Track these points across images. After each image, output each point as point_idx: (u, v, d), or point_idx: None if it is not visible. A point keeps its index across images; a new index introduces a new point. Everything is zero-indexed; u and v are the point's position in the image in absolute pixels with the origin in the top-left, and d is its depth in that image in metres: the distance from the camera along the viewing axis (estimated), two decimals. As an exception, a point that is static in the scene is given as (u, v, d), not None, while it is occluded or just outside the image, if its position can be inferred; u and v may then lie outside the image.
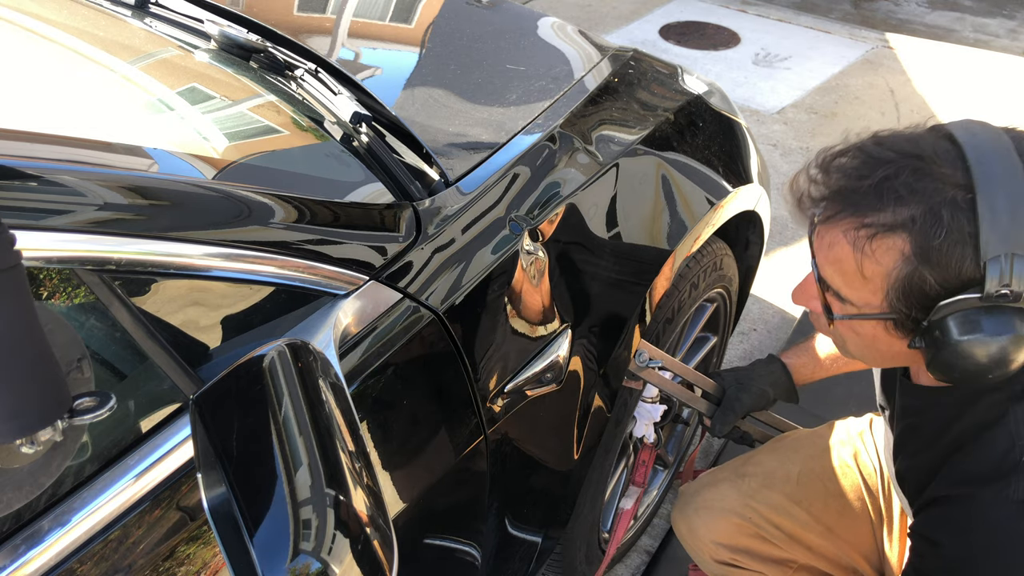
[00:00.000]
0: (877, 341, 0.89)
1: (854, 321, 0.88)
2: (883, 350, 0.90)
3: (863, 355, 0.94)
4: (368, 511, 0.69)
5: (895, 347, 0.88)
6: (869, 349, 0.92)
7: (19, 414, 0.59)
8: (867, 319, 0.86)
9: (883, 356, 0.92)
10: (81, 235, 0.70)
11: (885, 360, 0.95)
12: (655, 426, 1.57)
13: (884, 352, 0.91)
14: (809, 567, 1.35)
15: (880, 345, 0.90)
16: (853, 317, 0.87)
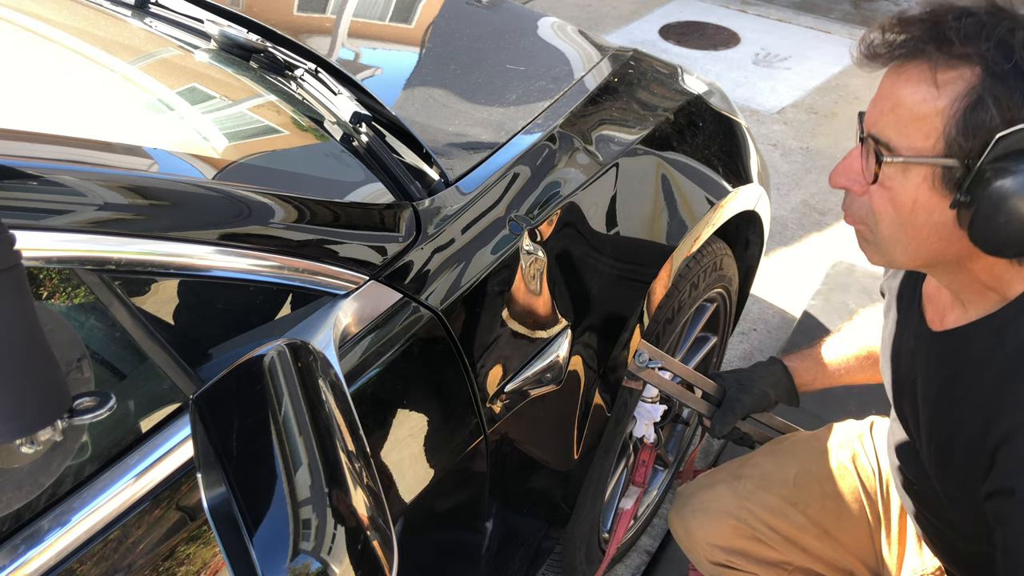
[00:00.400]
0: (916, 209, 0.85)
1: (894, 189, 0.85)
2: (920, 223, 0.85)
3: (894, 238, 0.88)
4: (368, 511, 0.69)
5: (934, 216, 0.84)
6: (904, 226, 0.87)
7: (19, 414, 0.59)
8: (917, 162, 0.83)
9: (918, 235, 0.87)
10: (81, 235, 0.70)
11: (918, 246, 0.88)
12: (655, 426, 1.57)
13: (921, 226, 0.86)
14: (805, 569, 1.34)
15: (918, 215, 0.85)
16: (907, 160, 0.83)
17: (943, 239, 0.85)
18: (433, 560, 1.14)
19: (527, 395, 1.15)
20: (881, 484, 1.31)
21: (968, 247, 0.84)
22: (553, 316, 1.19)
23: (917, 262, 0.90)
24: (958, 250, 0.85)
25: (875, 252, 0.93)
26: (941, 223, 0.84)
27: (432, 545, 1.13)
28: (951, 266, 0.90)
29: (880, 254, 0.92)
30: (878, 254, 0.92)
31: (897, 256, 0.91)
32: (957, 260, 0.88)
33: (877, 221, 0.89)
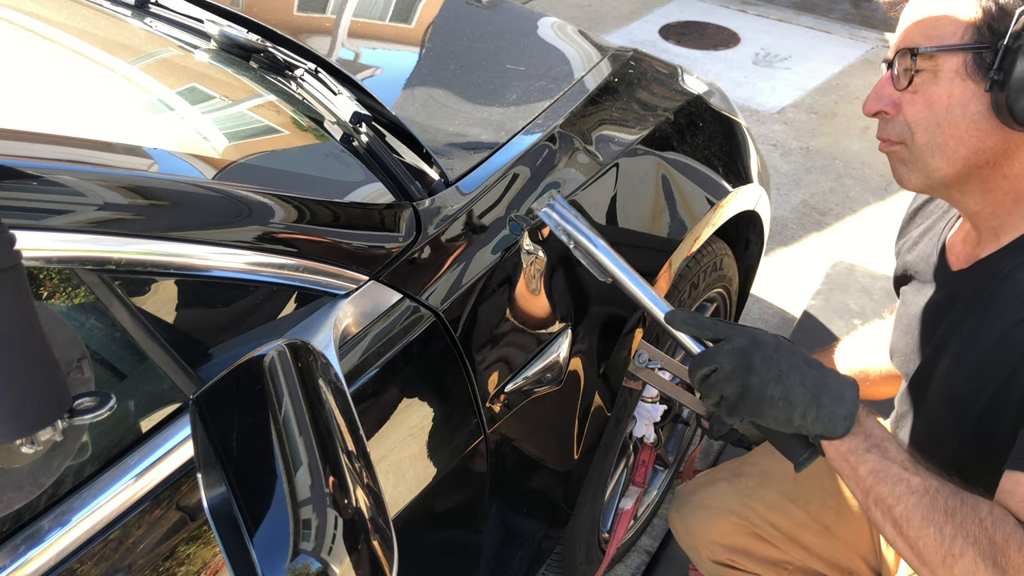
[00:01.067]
0: (952, 104, 0.89)
1: (928, 91, 0.90)
2: (957, 117, 0.89)
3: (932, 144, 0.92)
4: (368, 511, 0.69)
5: (970, 107, 0.88)
6: (941, 126, 0.90)
7: (19, 414, 0.59)
8: (950, 51, 0.87)
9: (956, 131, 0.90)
10: (81, 235, 0.70)
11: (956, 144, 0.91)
12: (655, 426, 1.57)
13: (958, 121, 0.89)
14: (805, 568, 1.34)
15: (955, 110, 0.89)
16: (940, 49, 0.88)
17: (980, 131, 0.89)
18: (433, 560, 1.14)
19: (527, 395, 1.15)
20: (880, 482, 1.32)
21: (1005, 140, 0.88)
22: (553, 316, 1.19)
23: (956, 165, 0.92)
24: (995, 144, 0.89)
25: (913, 169, 0.96)
26: (978, 113, 0.88)
27: (432, 545, 1.13)
28: (987, 173, 0.92)
29: (918, 170, 0.95)
30: (916, 170, 0.95)
31: (935, 164, 0.93)
32: (994, 163, 0.91)
33: (913, 132, 0.93)
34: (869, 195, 3.17)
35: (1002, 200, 0.94)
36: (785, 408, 0.88)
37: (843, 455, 0.89)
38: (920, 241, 1.14)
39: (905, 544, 0.86)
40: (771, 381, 0.87)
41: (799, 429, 0.89)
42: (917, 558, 0.86)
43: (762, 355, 0.89)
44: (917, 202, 1.21)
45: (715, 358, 0.91)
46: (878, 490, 0.87)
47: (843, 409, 0.88)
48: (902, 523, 0.86)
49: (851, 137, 3.55)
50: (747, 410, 0.89)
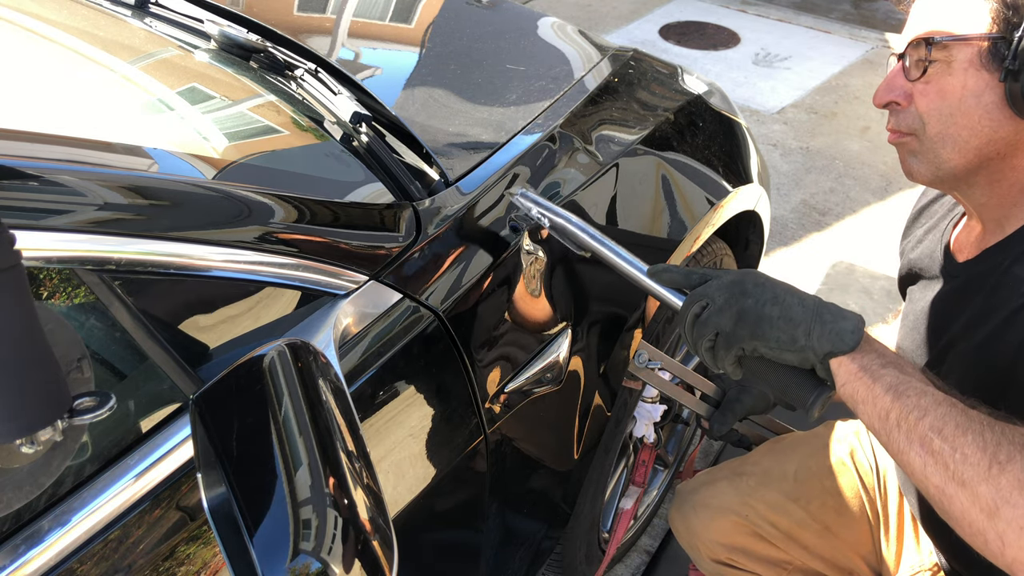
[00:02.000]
0: (966, 94, 0.89)
1: (941, 81, 0.89)
2: (970, 108, 0.89)
3: (944, 135, 0.91)
4: (368, 511, 0.69)
5: (984, 97, 0.88)
6: (954, 116, 0.90)
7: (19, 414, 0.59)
8: (966, 39, 0.87)
9: (969, 122, 0.90)
10: (81, 235, 0.70)
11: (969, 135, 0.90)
12: (655, 426, 1.57)
13: (971, 111, 0.89)
14: (805, 568, 1.34)
15: (968, 100, 0.89)
16: (957, 38, 0.88)
17: (993, 121, 0.89)
18: (433, 560, 1.14)
19: (527, 395, 1.15)
20: (879, 481, 1.32)
21: (1017, 131, 0.88)
22: (553, 316, 1.19)
23: (967, 156, 0.92)
24: (1007, 135, 0.89)
25: (923, 161, 0.95)
26: (991, 103, 0.88)
27: (432, 545, 1.13)
28: (996, 165, 0.92)
29: (928, 161, 0.95)
30: (926, 162, 0.95)
31: (946, 155, 0.93)
32: (1004, 154, 0.91)
33: (925, 123, 0.93)
34: (869, 195, 3.17)
35: (1008, 191, 0.94)
36: (786, 326, 0.81)
37: (856, 374, 0.79)
38: (924, 239, 1.14)
39: (937, 464, 0.73)
40: (767, 302, 0.83)
41: (804, 350, 0.81)
42: (953, 479, 0.72)
43: (754, 281, 0.85)
44: (922, 202, 1.21)
45: (705, 292, 0.86)
46: (901, 405, 0.76)
47: (849, 324, 0.81)
48: (932, 436, 0.73)
49: (851, 137, 3.55)
50: (746, 334, 0.82)
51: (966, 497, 0.71)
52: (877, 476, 1.32)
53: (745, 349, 0.84)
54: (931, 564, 1.22)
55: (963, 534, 0.72)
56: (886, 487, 1.31)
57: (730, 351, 0.85)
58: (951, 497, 0.72)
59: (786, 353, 0.82)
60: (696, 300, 0.87)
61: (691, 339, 0.88)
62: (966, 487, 0.71)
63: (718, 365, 0.88)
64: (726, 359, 0.86)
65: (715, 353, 0.86)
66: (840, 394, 0.82)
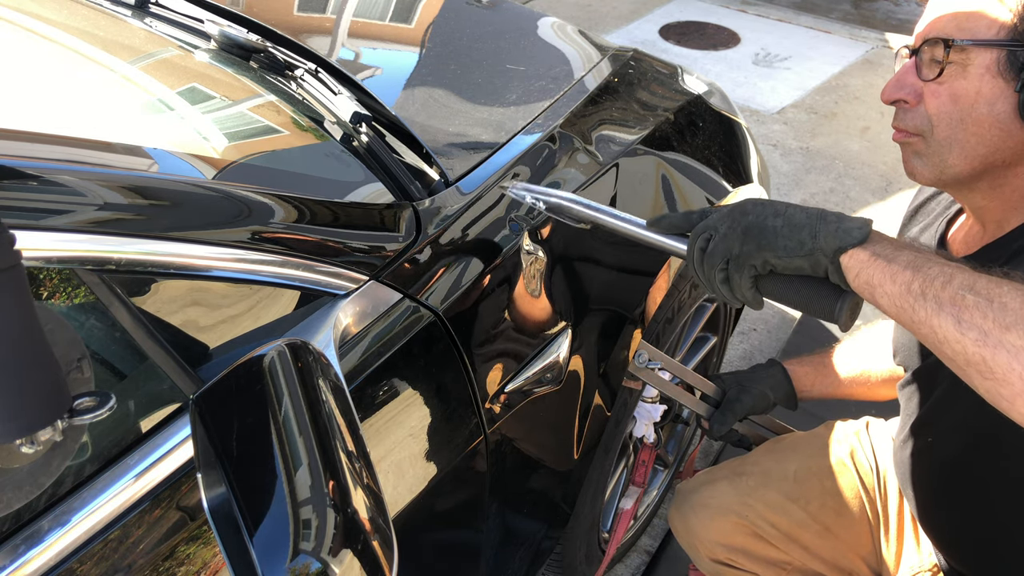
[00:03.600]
0: (978, 101, 0.87)
1: (955, 85, 0.88)
2: (981, 115, 0.87)
3: (952, 139, 0.90)
4: (368, 511, 0.69)
5: (997, 106, 0.86)
6: (964, 122, 0.89)
7: (19, 414, 0.59)
8: (986, 45, 0.86)
9: (979, 129, 0.88)
10: (81, 235, 0.70)
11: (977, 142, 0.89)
12: (655, 426, 1.57)
13: (982, 119, 0.88)
14: (805, 569, 1.34)
15: (980, 107, 0.87)
16: (976, 43, 0.86)
17: (1003, 131, 0.88)
18: (433, 560, 1.14)
19: (527, 395, 1.15)
20: (879, 481, 1.32)
21: None
22: (553, 316, 1.19)
23: (973, 163, 0.91)
24: (1015, 145, 0.88)
25: (927, 163, 0.94)
26: (1003, 112, 0.87)
27: (432, 545, 1.13)
28: (1000, 171, 0.92)
29: (933, 164, 0.94)
30: (930, 164, 0.94)
31: (952, 160, 0.92)
32: (1009, 162, 0.90)
33: (933, 125, 0.91)
34: (869, 195, 3.17)
35: (1010, 196, 0.94)
36: (792, 232, 0.79)
37: (870, 260, 0.76)
38: (920, 237, 1.14)
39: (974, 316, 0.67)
40: (769, 215, 0.82)
41: (814, 252, 0.78)
42: (996, 326, 0.65)
43: (753, 202, 0.84)
44: (918, 200, 1.21)
45: (707, 225, 0.86)
46: (923, 275, 0.71)
47: (855, 222, 0.78)
48: (964, 293, 0.68)
49: (851, 137, 3.55)
50: (753, 248, 0.81)
51: (1012, 342, 0.64)
52: (877, 476, 1.32)
53: (757, 266, 0.82)
54: (931, 564, 1.22)
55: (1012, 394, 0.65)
56: (886, 487, 1.31)
57: (743, 272, 0.82)
58: (994, 348, 0.65)
59: (796, 259, 0.79)
60: (700, 234, 0.86)
61: (704, 275, 0.86)
62: (1011, 331, 0.64)
63: (736, 293, 0.85)
64: (742, 283, 0.83)
65: (730, 281, 0.84)
66: (856, 287, 0.78)
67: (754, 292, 0.84)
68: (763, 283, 0.84)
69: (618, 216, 0.98)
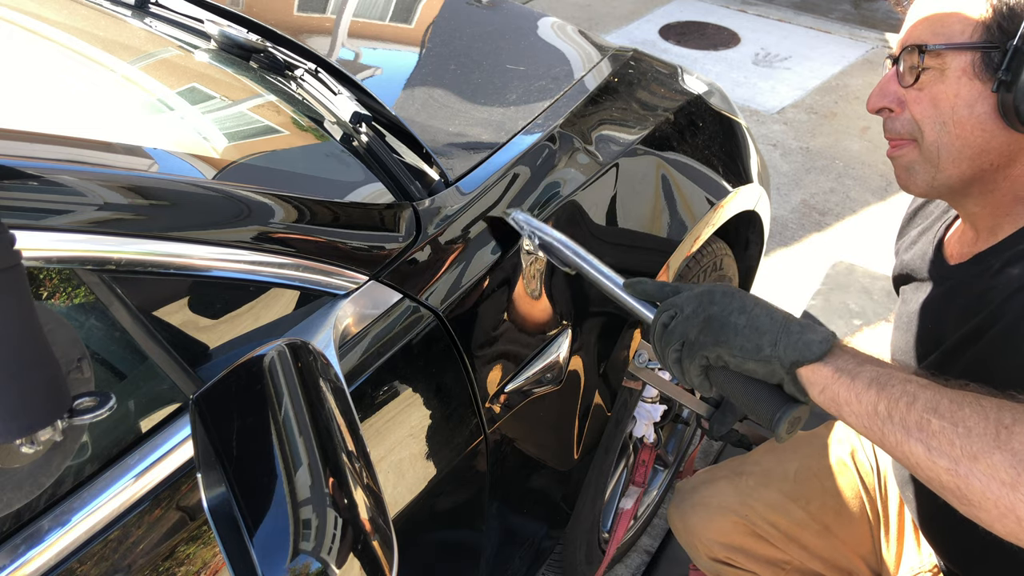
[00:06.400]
0: (958, 104, 0.88)
1: (934, 89, 0.89)
2: (963, 117, 0.88)
3: (939, 143, 0.91)
4: (368, 511, 0.69)
5: (976, 107, 0.87)
6: (947, 125, 0.90)
7: (19, 414, 0.59)
8: (958, 48, 0.87)
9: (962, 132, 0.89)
10: (81, 235, 0.70)
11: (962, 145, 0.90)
12: (655, 426, 1.57)
13: (964, 121, 0.88)
14: (804, 569, 1.34)
15: (960, 110, 0.88)
16: (949, 46, 0.87)
17: (986, 132, 0.88)
18: (433, 560, 1.14)
19: (527, 395, 1.15)
20: (879, 481, 1.32)
21: (1010, 142, 0.88)
22: (553, 316, 1.19)
23: (962, 167, 0.91)
24: (1000, 146, 0.89)
25: (919, 172, 0.95)
26: (984, 114, 0.87)
27: (432, 545, 1.13)
28: (990, 175, 0.92)
29: (924, 172, 0.94)
30: (922, 173, 0.94)
31: (943, 165, 0.92)
32: (998, 165, 0.91)
33: (921, 130, 0.92)
34: (869, 195, 3.17)
35: (1001, 201, 0.94)
36: (752, 335, 0.79)
37: (833, 377, 0.76)
38: (918, 241, 1.14)
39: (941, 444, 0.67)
40: (734, 311, 0.81)
41: (770, 360, 0.78)
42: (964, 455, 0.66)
43: (723, 291, 0.84)
44: (917, 203, 1.21)
45: (674, 303, 0.87)
46: (887, 396, 0.72)
47: (817, 335, 0.78)
48: (929, 417, 0.69)
49: (851, 137, 3.55)
50: (710, 340, 0.81)
51: (982, 471, 0.65)
52: (878, 476, 1.32)
53: (709, 358, 0.82)
54: (931, 565, 1.22)
55: (990, 519, 0.66)
56: (886, 488, 1.31)
57: (694, 360, 0.83)
58: (966, 477, 0.66)
59: (750, 362, 0.80)
60: (666, 310, 0.87)
61: (659, 349, 0.88)
62: (979, 460, 0.65)
63: (685, 377, 0.86)
64: (691, 369, 0.85)
65: (681, 363, 0.85)
66: (820, 402, 0.78)
67: (702, 380, 0.86)
68: (713, 374, 0.85)
69: (601, 271, 1.00)
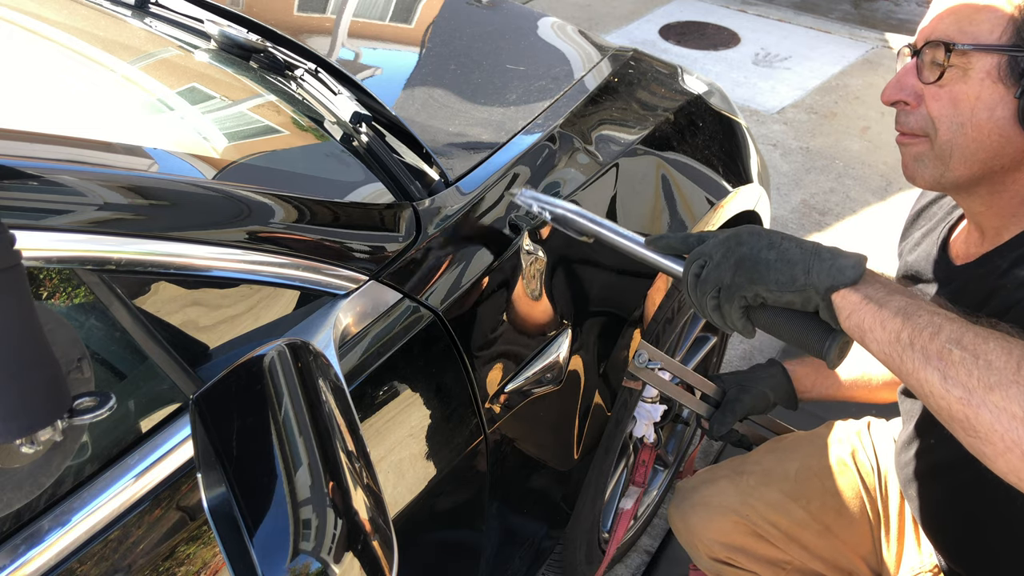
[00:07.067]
0: (978, 106, 0.87)
1: (955, 89, 0.87)
2: (981, 120, 0.87)
3: (953, 143, 0.90)
4: (368, 511, 0.69)
5: (997, 111, 0.86)
6: (964, 126, 0.88)
7: (19, 414, 0.59)
8: (986, 50, 0.85)
9: (979, 134, 0.88)
10: (81, 235, 0.70)
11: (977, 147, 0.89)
12: (655, 426, 1.57)
13: (982, 124, 0.87)
14: (804, 569, 1.34)
15: (980, 112, 0.87)
16: (977, 48, 0.85)
17: (1003, 137, 0.87)
18: (433, 560, 1.14)
19: (527, 395, 1.15)
20: (880, 481, 1.32)
21: None
22: (553, 316, 1.19)
23: (973, 168, 0.91)
24: (1015, 151, 0.88)
25: (928, 166, 0.94)
26: (1003, 118, 0.87)
27: (432, 545, 1.13)
28: (999, 177, 0.91)
29: (933, 167, 0.93)
30: (931, 168, 0.94)
31: (952, 164, 0.92)
32: (1008, 168, 0.90)
33: (936, 128, 0.91)
34: (869, 195, 3.17)
35: (1008, 203, 0.93)
36: (784, 267, 0.79)
37: (861, 303, 0.76)
38: (922, 242, 1.14)
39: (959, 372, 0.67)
40: (763, 247, 0.81)
41: (805, 289, 0.78)
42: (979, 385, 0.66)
43: (749, 231, 0.84)
44: (920, 203, 1.21)
45: (702, 251, 0.86)
46: (912, 324, 0.72)
47: (848, 260, 0.78)
48: (951, 347, 0.69)
49: (851, 137, 3.55)
50: (744, 280, 0.81)
51: (995, 403, 0.65)
52: (878, 476, 1.32)
53: (748, 297, 0.82)
54: (931, 565, 1.22)
55: (994, 452, 0.66)
56: (887, 488, 1.31)
57: (733, 303, 0.83)
58: (977, 407, 0.66)
59: (787, 294, 0.79)
60: (695, 260, 0.86)
61: (696, 300, 0.87)
62: (994, 391, 0.65)
63: (727, 322, 0.86)
64: (732, 313, 0.84)
65: (721, 309, 0.84)
66: (847, 328, 0.78)
67: (744, 322, 0.85)
68: (754, 314, 0.85)
69: (619, 232, 1.00)
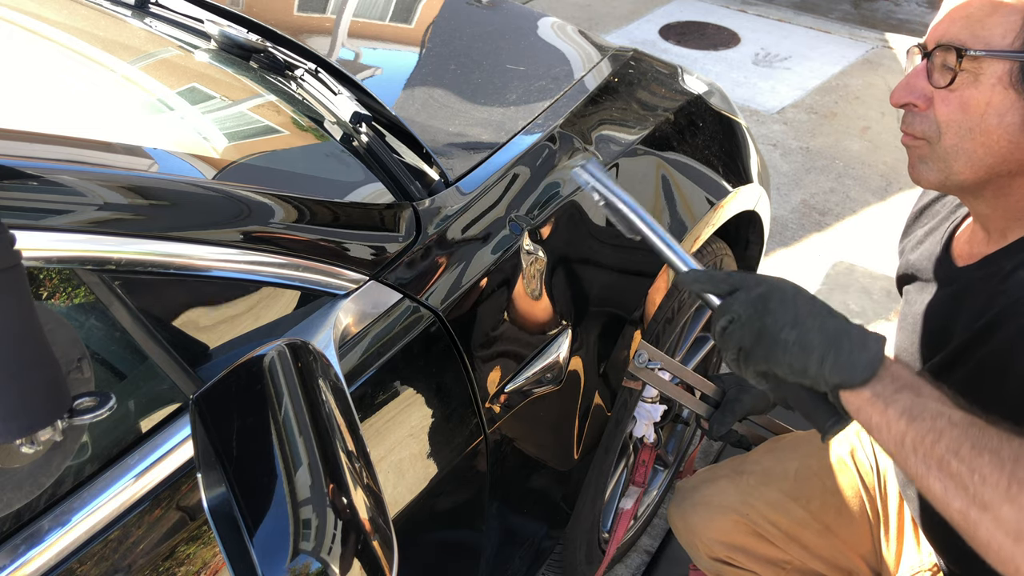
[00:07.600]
0: (988, 112, 0.87)
1: (966, 94, 0.87)
2: (991, 126, 0.87)
3: (959, 148, 0.90)
4: (368, 511, 0.69)
5: (1007, 117, 0.86)
6: (973, 131, 0.88)
7: (19, 414, 0.59)
8: (1000, 57, 0.85)
9: (987, 140, 0.88)
10: (81, 235, 0.70)
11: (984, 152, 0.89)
12: (655, 426, 1.57)
13: (991, 130, 0.87)
14: (804, 569, 1.34)
15: (990, 118, 0.87)
16: (990, 54, 0.85)
17: (1012, 143, 0.87)
18: (433, 560, 1.14)
19: (527, 395, 1.15)
20: (879, 480, 1.32)
21: None
22: (553, 316, 1.19)
23: (979, 172, 0.91)
24: (1022, 157, 0.88)
25: (932, 168, 0.94)
26: (1013, 124, 0.86)
27: (432, 545, 1.13)
28: (1005, 181, 0.91)
29: (938, 169, 0.93)
30: (935, 170, 0.94)
31: (958, 168, 0.92)
32: (1015, 172, 0.90)
33: (941, 132, 0.91)
34: (869, 195, 3.17)
35: (1014, 206, 0.93)
36: (799, 355, 0.80)
37: (869, 401, 0.78)
38: (925, 241, 1.14)
39: (957, 487, 0.71)
40: (786, 325, 0.81)
41: (816, 381, 0.80)
42: (974, 502, 0.69)
43: (780, 298, 0.83)
44: (923, 201, 1.21)
45: (731, 307, 0.86)
46: (915, 429, 0.74)
47: (864, 357, 0.79)
48: (949, 458, 0.71)
49: (851, 137, 3.55)
50: (760, 356, 0.82)
51: (990, 521, 0.68)
52: (877, 475, 1.32)
53: (763, 369, 0.84)
54: (931, 564, 1.22)
55: (993, 562, 0.70)
56: (886, 487, 1.31)
57: (750, 367, 0.85)
58: (975, 523, 0.70)
59: (797, 377, 0.82)
60: (722, 314, 0.87)
61: (720, 347, 0.89)
62: (988, 510, 0.68)
63: (746, 377, 0.88)
64: (748, 374, 0.87)
65: (740, 368, 0.87)
66: (855, 418, 0.81)
67: (759, 380, 0.88)
68: (771, 377, 0.87)
69: (674, 248, 0.94)
